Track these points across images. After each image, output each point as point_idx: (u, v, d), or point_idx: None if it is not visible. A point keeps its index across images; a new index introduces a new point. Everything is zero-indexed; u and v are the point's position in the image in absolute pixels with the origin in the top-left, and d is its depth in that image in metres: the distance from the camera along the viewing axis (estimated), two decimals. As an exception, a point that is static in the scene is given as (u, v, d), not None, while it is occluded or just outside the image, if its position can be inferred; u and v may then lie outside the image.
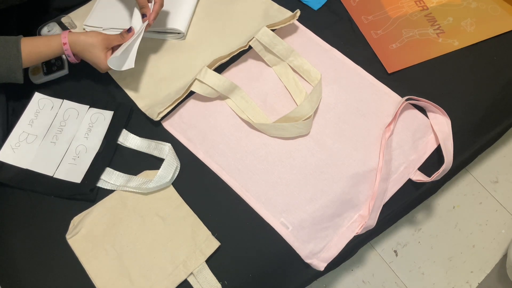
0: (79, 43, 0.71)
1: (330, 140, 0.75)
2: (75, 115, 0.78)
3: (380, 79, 0.81)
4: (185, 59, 0.85)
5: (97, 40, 0.71)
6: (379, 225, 0.70)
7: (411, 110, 0.78)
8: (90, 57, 0.73)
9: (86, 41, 0.71)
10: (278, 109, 0.79)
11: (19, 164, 0.73)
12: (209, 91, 0.77)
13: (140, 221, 0.69)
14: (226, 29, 0.88)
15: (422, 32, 0.86)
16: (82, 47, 0.71)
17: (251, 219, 0.70)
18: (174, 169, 0.72)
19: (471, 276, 1.10)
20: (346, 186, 0.71)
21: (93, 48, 0.71)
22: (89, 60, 0.74)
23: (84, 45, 0.71)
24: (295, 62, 0.81)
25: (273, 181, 0.72)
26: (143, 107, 0.79)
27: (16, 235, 0.70)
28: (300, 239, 0.68)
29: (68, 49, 0.71)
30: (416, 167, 0.74)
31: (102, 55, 0.72)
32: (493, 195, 1.20)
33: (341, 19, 0.89)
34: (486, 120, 0.78)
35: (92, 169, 0.72)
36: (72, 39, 0.71)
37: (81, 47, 0.71)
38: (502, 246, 1.13)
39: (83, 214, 0.70)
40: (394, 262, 1.12)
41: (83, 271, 0.66)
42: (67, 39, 0.71)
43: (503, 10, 0.87)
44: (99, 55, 0.72)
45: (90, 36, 0.71)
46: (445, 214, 1.18)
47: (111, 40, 0.74)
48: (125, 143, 0.76)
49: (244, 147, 0.75)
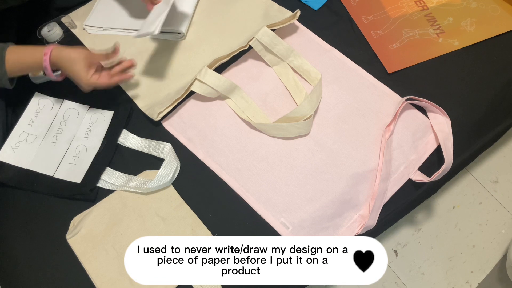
0: (61, 57, 0.68)
1: (330, 140, 0.75)
2: (75, 115, 0.78)
3: (380, 79, 0.81)
4: (185, 59, 0.85)
5: (79, 56, 0.68)
6: (379, 225, 0.70)
7: (411, 110, 0.78)
8: (72, 72, 0.69)
9: (69, 56, 0.68)
10: (278, 109, 0.79)
11: (19, 164, 0.73)
12: (209, 91, 0.77)
13: (140, 221, 0.69)
14: (226, 29, 0.88)
15: (422, 32, 0.86)
16: (64, 62, 0.68)
17: (251, 219, 0.70)
18: (174, 169, 0.72)
19: (471, 276, 1.10)
20: (346, 186, 0.71)
21: (75, 63, 0.68)
22: (71, 76, 0.70)
23: (67, 60, 0.68)
24: (295, 62, 0.82)
25: (273, 181, 0.72)
26: (143, 107, 0.79)
27: (16, 235, 0.70)
28: (300, 239, 0.68)
29: (47, 61, 0.68)
30: (416, 167, 0.74)
31: (83, 72, 0.69)
32: (493, 195, 1.20)
33: (341, 19, 0.89)
34: (486, 120, 0.78)
35: (92, 169, 0.72)
36: (55, 52, 0.68)
37: (63, 62, 0.68)
38: (502, 246, 1.13)
39: (83, 214, 0.70)
40: (394, 262, 1.12)
41: (83, 271, 0.66)
42: (50, 52, 0.68)
43: (503, 10, 0.87)
44: (80, 71, 0.68)
45: (74, 51, 0.68)
46: (445, 214, 1.18)
47: (95, 57, 0.71)
48: (125, 143, 0.77)
49: (244, 147, 0.75)
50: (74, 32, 0.90)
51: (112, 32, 0.89)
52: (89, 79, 0.69)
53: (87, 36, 0.89)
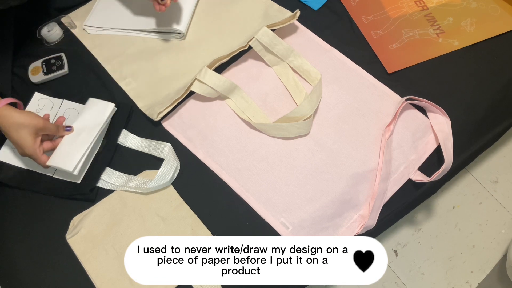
0: (8, 118, 0.63)
1: (330, 140, 0.75)
2: (75, 115, 0.78)
3: (380, 79, 0.81)
4: (185, 59, 0.85)
5: (29, 121, 0.64)
6: (379, 225, 0.70)
7: (411, 110, 0.78)
8: (16, 137, 0.64)
9: (17, 120, 0.63)
10: (278, 109, 0.79)
11: (19, 164, 0.73)
12: (209, 91, 0.77)
13: (140, 221, 0.69)
14: (226, 29, 0.88)
15: (422, 32, 0.86)
16: (9, 124, 0.63)
17: (251, 219, 0.70)
18: (174, 169, 0.72)
19: (471, 276, 1.10)
20: (346, 186, 0.71)
21: (22, 129, 0.63)
22: (13, 140, 0.65)
23: (12, 123, 0.63)
24: (295, 62, 0.82)
25: (273, 181, 0.72)
26: (143, 107, 0.79)
27: (16, 235, 0.70)
28: (300, 239, 0.68)
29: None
30: (416, 167, 0.74)
31: (30, 138, 0.64)
32: (493, 195, 1.20)
33: (341, 19, 0.89)
34: (486, 120, 0.78)
35: (92, 169, 0.72)
36: (3, 112, 0.63)
37: (8, 124, 0.63)
38: (502, 246, 1.13)
39: (83, 214, 0.70)
40: (394, 262, 1.12)
41: (83, 271, 0.66)
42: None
43: (503, 10, 0.87)
44: (25, 137, 0.64)
45: (24, 115, 0.64)
46: (445, 214, 1.18)
47: (45, 128, 0.66)
48: (125, 143, 0.76)
49: (244, 147, 0.75)
50: (74, 32, 0.90)
51: (112, 32, 0.89)
52: (35, 148, 0.65)
53: (87, 36, 0.89)
